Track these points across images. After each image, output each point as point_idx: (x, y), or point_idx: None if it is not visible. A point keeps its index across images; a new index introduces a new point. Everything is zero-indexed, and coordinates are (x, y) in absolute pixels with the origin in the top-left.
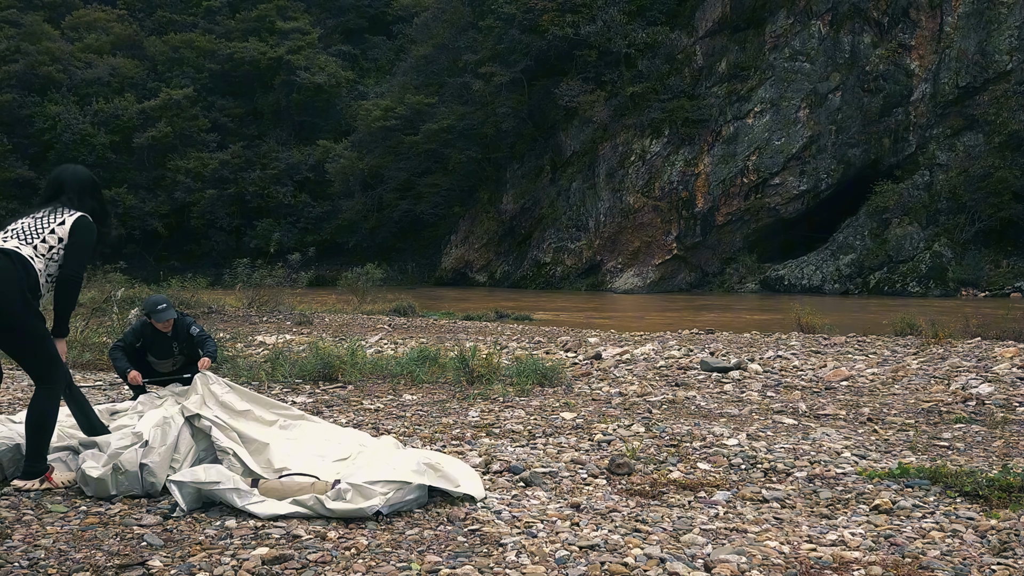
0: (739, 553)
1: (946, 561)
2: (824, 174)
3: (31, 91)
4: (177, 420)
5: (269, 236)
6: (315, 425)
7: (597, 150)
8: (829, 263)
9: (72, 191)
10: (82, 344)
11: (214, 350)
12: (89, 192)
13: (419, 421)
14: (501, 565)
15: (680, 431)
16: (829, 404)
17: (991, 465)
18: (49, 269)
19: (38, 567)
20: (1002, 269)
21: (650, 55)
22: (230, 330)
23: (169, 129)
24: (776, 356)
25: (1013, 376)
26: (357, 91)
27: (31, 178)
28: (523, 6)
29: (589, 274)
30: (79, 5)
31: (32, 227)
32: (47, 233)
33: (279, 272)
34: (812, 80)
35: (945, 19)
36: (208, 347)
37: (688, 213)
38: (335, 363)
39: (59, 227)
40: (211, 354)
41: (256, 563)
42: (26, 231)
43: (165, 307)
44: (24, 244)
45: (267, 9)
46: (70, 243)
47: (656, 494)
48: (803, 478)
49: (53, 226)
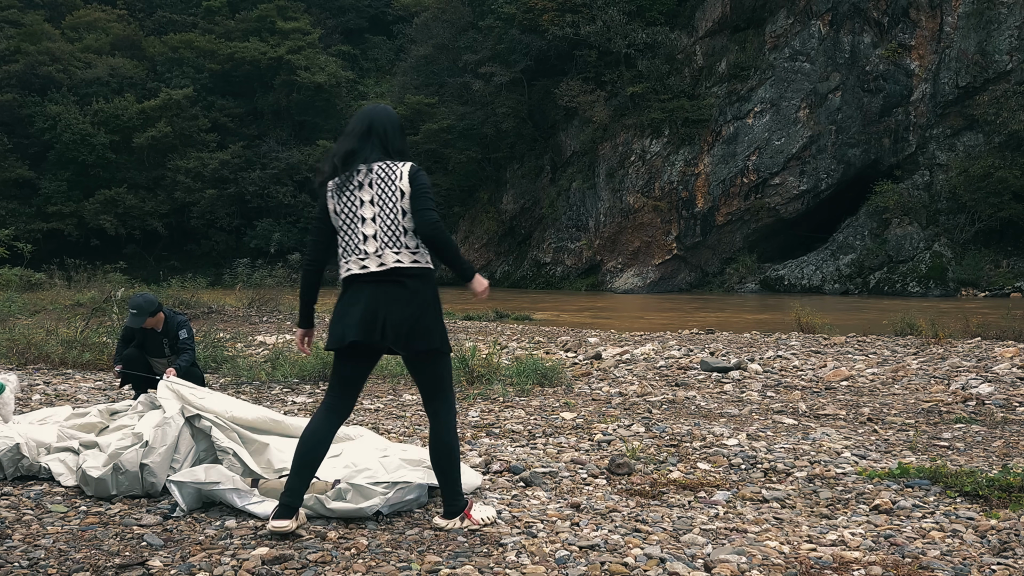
0: (739, 553)
1: (946, 561)
2: (824, 174)
3: (31, 91)
4: (177, 420)
5: (269, 236)
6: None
7: (597, 150)
8: (829, 263)
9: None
10: (82, 344)
11: (186, 363)
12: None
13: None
14: (501, 565)
15: (680, 431)
16: (829, 404)
17: (991, 465)
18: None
19: (38, 567)
20: (1002, 269)
21: (650, 55)
22: (230, 330)
23: (169, 129)
24: (776, 356)
25: (1013, 376)
26: (357, 91)
27: (31, 178)
28: (523, 6)
29: (589, 274)
30: (79, 5)
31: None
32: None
33: (279, 272)
34: (812, 80)
35: (945, 19)
36: (182, 357)
37: (688, 213)
38: None
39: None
40: (179, 366)
41: (256, 563)
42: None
43: (135, 313)
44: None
45: (267, 9)
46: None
47: (656, 494)
48: (803, 478)
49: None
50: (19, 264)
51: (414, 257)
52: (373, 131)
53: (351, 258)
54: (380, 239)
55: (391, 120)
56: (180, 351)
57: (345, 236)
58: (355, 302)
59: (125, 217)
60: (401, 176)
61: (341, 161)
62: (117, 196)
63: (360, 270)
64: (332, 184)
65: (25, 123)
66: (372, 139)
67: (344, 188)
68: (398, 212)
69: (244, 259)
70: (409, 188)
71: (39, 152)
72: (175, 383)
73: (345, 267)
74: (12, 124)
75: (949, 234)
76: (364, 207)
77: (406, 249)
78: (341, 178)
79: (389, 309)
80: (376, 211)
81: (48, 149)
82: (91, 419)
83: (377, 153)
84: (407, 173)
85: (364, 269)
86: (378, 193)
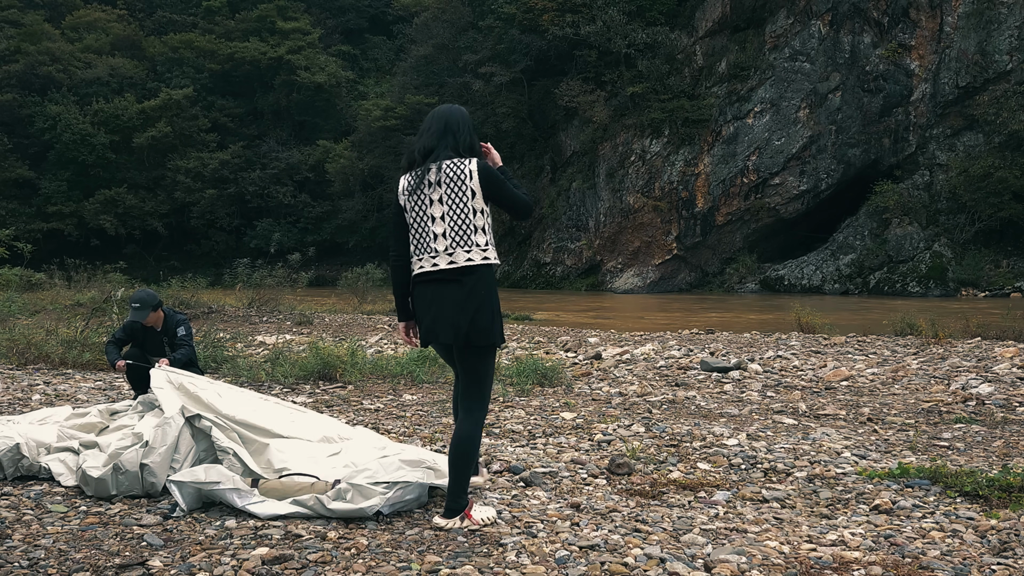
0: (739, 553)
1: (946, 561)
2: (824, 174)
3: (31, 91)
4: (177, 420)
5: (269, 236)
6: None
7: (597, 150)
8: (829, 263)
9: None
10: (82, 344)
11: (182, 356)
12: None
13: (419, 421)
14: (501, 565)
15: (680, 431)
16: (829, 404)
17: (991, 465)
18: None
19: (38, 567)
20: (1002, 269)
21: (650, 55)
22: (230, 330)
23: (169, 129)
24: (776, 356)
25: (1013, 376)
26: (357, 91)
27: (31, 178)
28: (523, 6)
29: (589, 274)
30: (79, 5)
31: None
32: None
33: (279, 272)
34: (812, 80)
35: (945, 19)
36: (177, 352)
37: (688, 213)
38: (335, 363)
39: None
40: (173, 358)
41: (256, 563)
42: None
43: (138, 307)
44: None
45: (267, 9)
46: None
47: (656, 494)
48: (803, 478)
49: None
50: (19, 264)
51: (484, 254)
52: (448, 129)
53: (423, 256)
54: (450, 237)
55: (464, 119)
56: (177, 347)
57: (416, 234)
58: (424, 305)
59: (125, 217)
60: (471, 175)
61: (421, 156)
62: (117, 196)
63: (431, 267)
64: (404, 182)
65: (25, 123)
66: (447, 137)
67: (415, 187)
68: (469, 211)
69: (244, 259)
70: (480, 188)
71: (39, 152)
72: (170, 371)
73: (418, 264)
74: (12, 124)
75: (949, 234)
76: (434, 206)
77: (476, 247)
78: (414, 177)
79: (445, 311)
80: (445, 210)
81: (48, 149)
82: (91, 419)
83: (448, 151)
84: (476, 172)
85: (435, 267)
86: (447, 193)
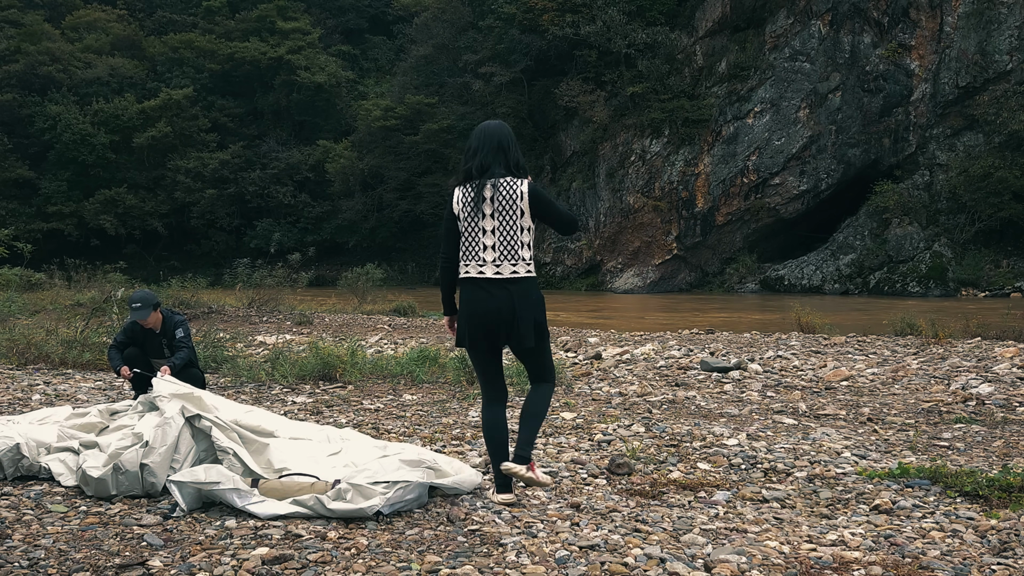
0: (739, 553)
1: (946, 561)
2: (824, 174)
3: (31, 91)
4: (177, 420)
5: (269, 236)
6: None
7: (597, 150)
8: (829, 263)
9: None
10: (82, 344)
11: (181, 360)
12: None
13: (419, 421)
14: (501, 565)
15: (680, 431)
16: (829, 404)
17: (991, 465)
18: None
19: (38, 567)
20: (1002, 269)
21: (650, 55)
22: (230, 330)
23: (169, 129)
24: (776, 356)
25: (1013, 376)
26: (357, 91)
27: (31, 178)
28: (523, 6)
29: (589, 274)
30: (79, 5)
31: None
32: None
33: (279, 272)
34: (812, 80)
35: (945, 19)
36: (176, 356)
37: (688, 213)
38: (335, 363)
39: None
40: (173, 364)
41: (256, 563)
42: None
43: (139, 306)
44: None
45: (267, 9)
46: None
47: (656, 494)
48: (803, 478)
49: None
50: (19, 264)
51: (528, 267)
52: (500, 147)
53: (471, 263)
54: (499, 250)
55: (512, 138)
56: (176, 350)
57: (467, 241)
58: (475, 306)
59: (125, 217)
60: (522, 196)
61: (479, 171)
62: (117, 196)
63: (477, 274)
64: (459, 193)
65: (25, 123)
66: (500, 155)
67: (471, 200)
68: (518, 229)
69: (244, 259)
70: (530, 208)
71: (39, 152)
72: (171, 381)
73: (464, 269)
74: (12, 124)
75: (949, 234)
76: (486, 220)
77: (522, 261)
78: (471, 189)
79: (504, 314)
80: (496, 225)
81: (48, 149)
82: (91, 419)
83: (501, 169)
84: (527, 193)
85: (481, 274)
86: (499, 209)
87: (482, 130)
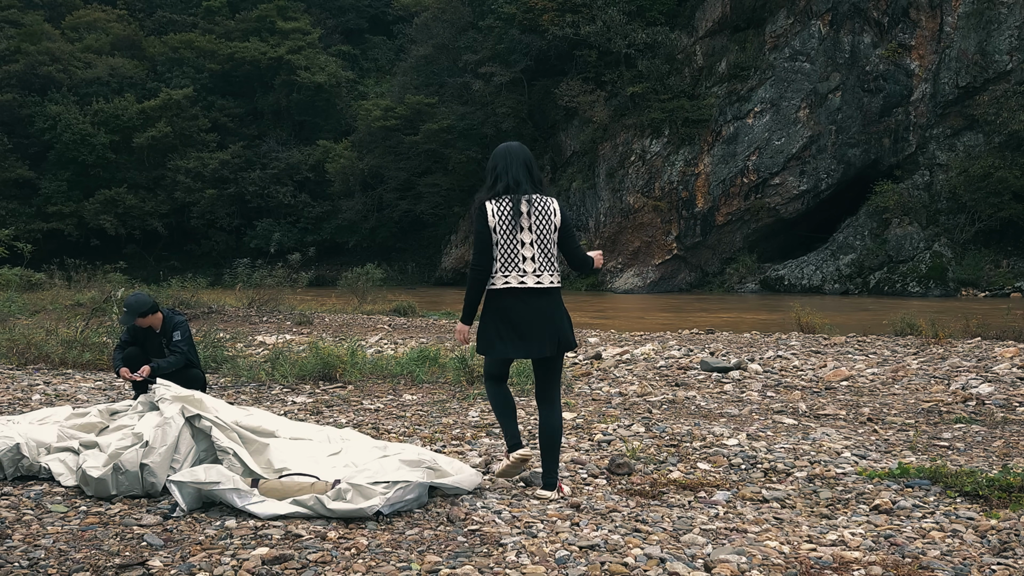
0: (739, 553)
1: (946, 561)
2: (824, 174)
3: (31, 91)
4: (177, 420)
5: (269, 236)
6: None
7: (597, 150)
8: (829, 263)
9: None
10: (82, 344)
11: (168, 364)
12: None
13: (419, 421)
14: (501, 565)
15: (680, 431)
16: (829, 404)
17: (991, 465)
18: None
19: (38, 567)
20: (1002, 269)
21: (650, 55)
22: (230, 330)
23: (169, 129)
24: (776, 356)
25: (1013, 376)
26: (357, 91)
27: (31, 178)
28: (523, 6)
29: (589, 274)
30: (79, 5)
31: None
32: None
33: (279, 272)
34: (812, 80)
35: (945, 19)
36: (164, 360)
37: (688, 213)
38: (335, 363)
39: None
40: (156, 365)
41: (256, 563)
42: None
43: (126, 312)
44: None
45: (267, 9)
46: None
47: (656, 494)
48: (803, 478)
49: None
50: (19, 264)
51: (560, 279)
52: (527, 167)
53: (511, 273)
54: (539, 261)
55: (533, 157)
56: (171, 352)
57: (504, 252)
58: (512, 314)
59: (125, 217)
60: (556, 213)
61: (515, 185)
62: (117, 196)
63: (518, 284)
64: (494, 206)
65: (25, 123)
66: (527, 173)
67: (509, 213)
68: (552, 243)
69: (244, 259)
70: (560, 224)
71: (39, 152)
72: (167, 385)
73: (503, 279)
74: (12, 124)
75: (949, 234)
76: (523, 232)
77: (556, 272)
78: (509, 202)
79: (547, 323)
80: (534, 238)
81: (48, 149)
82: (91, 419)
83: (530, 186)
84: (559, 211)
85: (522, 284)
86: (536, 222)
87: (506, 149)
